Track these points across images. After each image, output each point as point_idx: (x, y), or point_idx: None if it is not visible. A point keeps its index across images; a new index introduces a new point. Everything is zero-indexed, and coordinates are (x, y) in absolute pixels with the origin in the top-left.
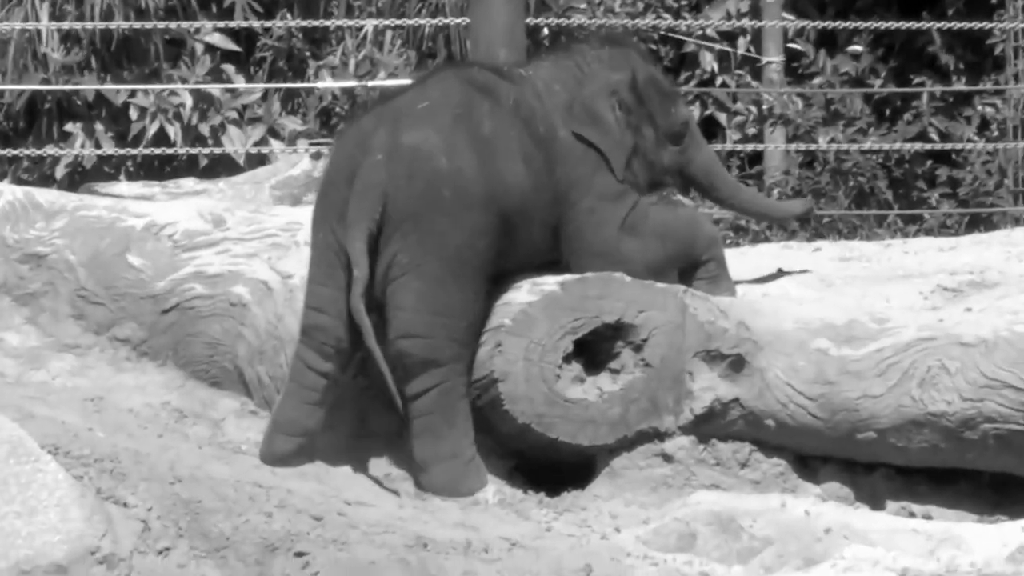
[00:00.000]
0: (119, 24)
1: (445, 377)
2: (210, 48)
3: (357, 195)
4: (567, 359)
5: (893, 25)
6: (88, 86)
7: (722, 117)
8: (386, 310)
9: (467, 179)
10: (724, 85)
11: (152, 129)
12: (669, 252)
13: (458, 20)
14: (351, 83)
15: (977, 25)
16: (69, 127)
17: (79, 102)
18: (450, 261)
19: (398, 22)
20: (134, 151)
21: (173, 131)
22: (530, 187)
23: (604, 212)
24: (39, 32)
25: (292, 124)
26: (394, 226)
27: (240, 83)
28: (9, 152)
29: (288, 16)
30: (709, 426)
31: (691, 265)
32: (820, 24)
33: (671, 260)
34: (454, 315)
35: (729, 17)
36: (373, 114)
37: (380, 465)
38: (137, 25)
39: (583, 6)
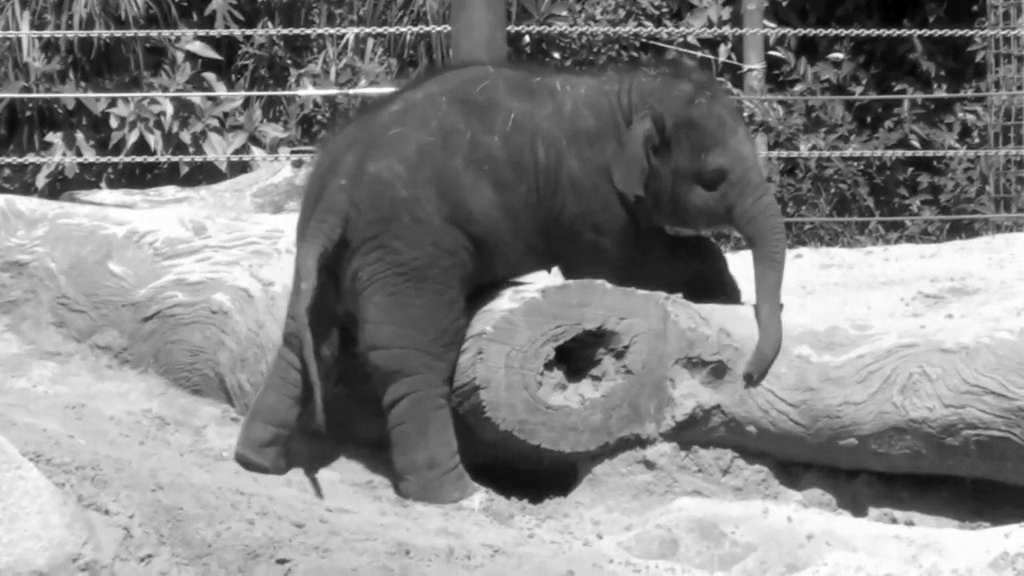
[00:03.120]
0: (99, 33)
1: (414, 387)
2: (191, 56)
3: (319, 214)
4: (548, 366)
5: (874, 32)
6: (68, 94)
7: None
8: (355, 322)
9: (425, 209)
10: None
11: (132, 137)
12: (672, 283)
13: (439, 28)
14: (332, 91)
15: (958, 32)
16: (50, 136)
17: (60, 110)
18: (409, 277)
19: (379, 30)
20: (115, 159)
21: (154, 139)
22: (501, 214)
23: (606, 250)
24: (19, 40)
25: (273, 132)
26: (355, 247)
27: (221, 91)
28: None
29: (269, 24)
30: (691, 433)
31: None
32: (801, 31)
33: (673, 288)
34: (418, 327)
35: (710, 25)
36: (349, 131)
37: (362, 472)
38: (117, 34)
39: (564, 13)
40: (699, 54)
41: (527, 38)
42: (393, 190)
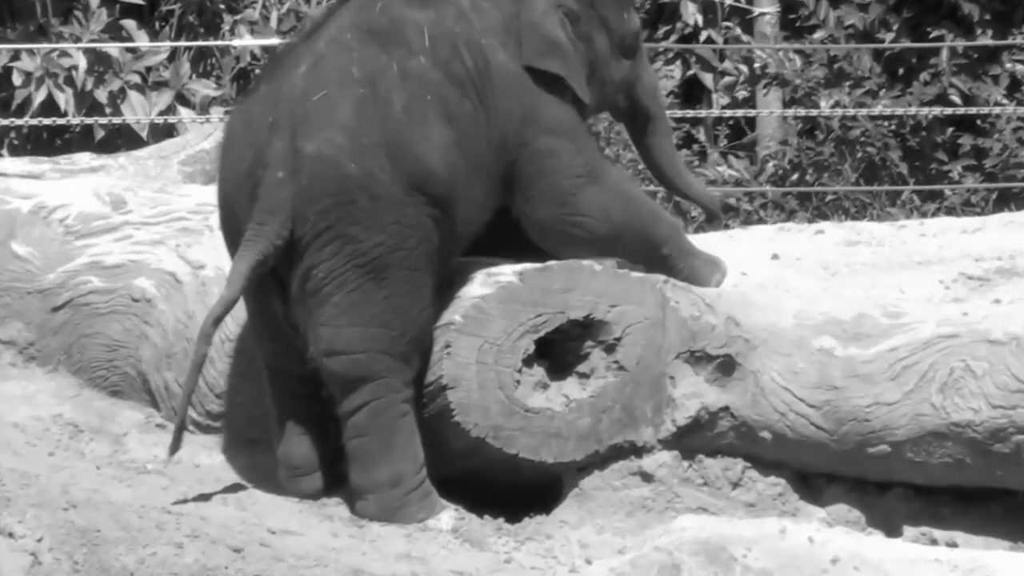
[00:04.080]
0: None
1: (377, 394)
2: (107, 0)
3: (259, 215)
4: (528, 362)
5: None
6: None
7: (707, 78)
8: (307, 330)
9: (381, 181)
10: (710, 40)
11: (39, 96)
12: (631, 220)
13: None
14: (273, 40)
15: None
16: None
17: None
18: (371, 268)
19: None
20: (19, 121)
21: (64, 98)
22: (460, 155)
23: (563, 153)
24: None
25: (204, 89)
26: (306, 243)
27: (143, 41)
28: None
29: None
30: (695, 439)
31: (651, 258)
32: None
33: (631, 229)
34: (382, 325)
35: None
36: (258, 109)
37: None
38: None
39: None
40: None
41: None
42: (340, 167)
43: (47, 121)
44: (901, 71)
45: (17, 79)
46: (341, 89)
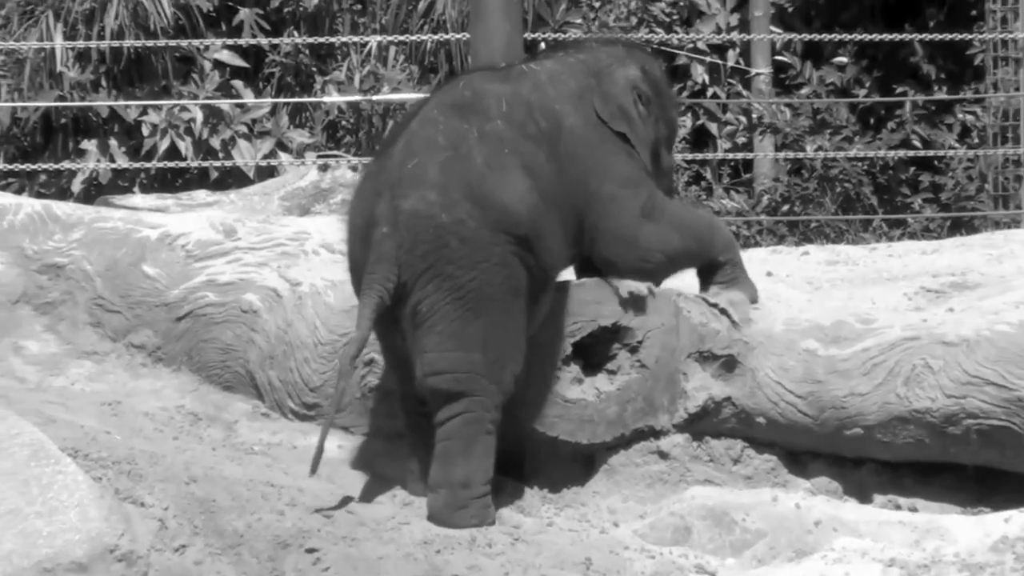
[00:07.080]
0: (130, 43)
1: (470, 408)
2: (219, 65)
3: (370, 267)
4: (566, 361)
5: (877, 37)
6: (102, 103)
7: (713, 127)
8: (413, 357)
9: (469, 227)
10: (715, 96)
11: (164, 144)
12: (687, 245)
13: (459, 36)
14: (356, 97)
15: (958, 36)
16: (84, 143)
17: (93, 118)
18: (467, 300)
19: (401, 38)
20: (147, 165)
21: (184, 145)
22: (538, 198)
23: (624, 198)
24: (53, 51)
25: (300, 137)
26: (411, 284)
27: (249, 98)
28: (27, 167)
29: (295, 33)
30: (703, 424)
31: (708, 266)
32: (806, 36)
33: (688, 254)
34: (480, 350)
35: (719, 31)
36: (369, 185)
37: (395, 466)
38: (148, 43)
39: (579, 21)
40: (708, 59)
41: (543, 44)
42: (433, 219)
43: (170, 164)
44: (872, 120)
45: (146, 130)
46: (430, 155)
